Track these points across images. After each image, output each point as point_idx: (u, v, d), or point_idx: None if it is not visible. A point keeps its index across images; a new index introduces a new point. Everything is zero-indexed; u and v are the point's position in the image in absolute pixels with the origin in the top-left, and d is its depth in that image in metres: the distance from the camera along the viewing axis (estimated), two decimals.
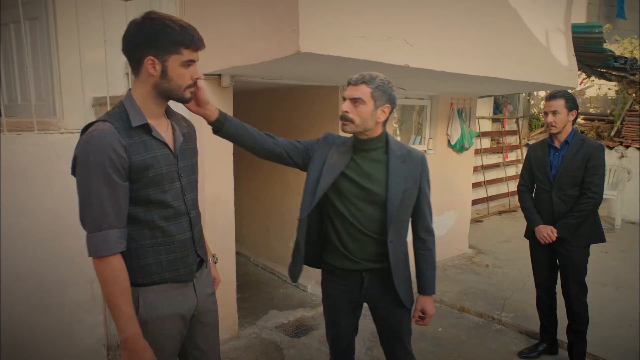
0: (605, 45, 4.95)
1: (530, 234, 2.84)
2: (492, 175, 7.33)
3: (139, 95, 1.42)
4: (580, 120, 7.63)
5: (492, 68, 3.06)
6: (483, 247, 5.40)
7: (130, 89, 1.46)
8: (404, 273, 1.85)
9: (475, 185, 6.56)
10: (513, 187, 7.59)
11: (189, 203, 1.54)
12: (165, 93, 1.42)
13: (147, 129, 1.42)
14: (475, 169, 6.36)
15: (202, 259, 1.61)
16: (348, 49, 2.16)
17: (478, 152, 6.82)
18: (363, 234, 1.77)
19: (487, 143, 7.44)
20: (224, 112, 1.72)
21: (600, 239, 2.70)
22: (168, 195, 1.45)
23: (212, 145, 2.92)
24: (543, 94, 8.35)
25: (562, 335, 2.91)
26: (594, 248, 2.74)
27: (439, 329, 3.40)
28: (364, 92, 1.66)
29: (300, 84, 3.47)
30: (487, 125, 7.40)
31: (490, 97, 7.23)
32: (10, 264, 2.35)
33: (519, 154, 7.91)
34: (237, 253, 3.36)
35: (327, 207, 1.83)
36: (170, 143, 1.50)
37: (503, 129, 7.72)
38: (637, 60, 5.45)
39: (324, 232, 1.89)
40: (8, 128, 2.40)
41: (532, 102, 8.44)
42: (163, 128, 1.50)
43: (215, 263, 1.85)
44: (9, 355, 2.40)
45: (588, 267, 2.72)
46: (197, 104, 1.62)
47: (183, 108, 1.63)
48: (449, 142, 4.78)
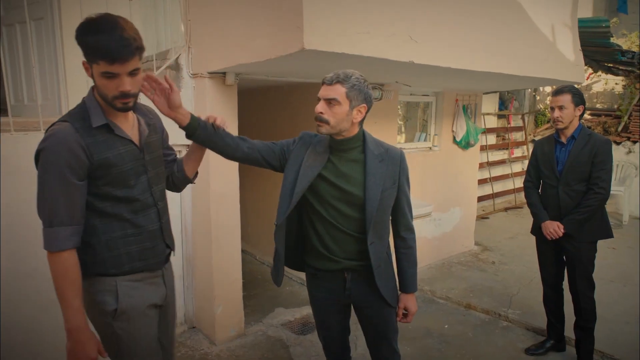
0: (613, 40, 4.90)
1: (537, 230, 2.82)
2: (497, 172, 7.30)
3: (97, 95, 1.44)
4: (587, 116, 7.57)
5: (497, 64, 3.04)
6: (489, 243, 5.38)
7: (93, 87, 1.45)
8: (387, 272, 1.82)
9: (481, 182, 6.53)
10: (519, 183, 7.55)
11: (157, 195, 1.58)
12: (101, 98, 1.41)
13: (107, 128, 1.43)
14: (481, 166, 6.34)
15: (170, 249, 1.67)
16: (352, 46, 2.15)
17: (483, 148, 6.79)
18: (344, 233, 1.74)
19: (492, 139, 7.40)
20: (196, 116, 1.66)
21: (608, 235, 2.68)
22: (135, 190, 1.50)
23: None
24: (549, 90, 8.29)
25: (569, 332, 2.90)
26: (601, 244, 2.71)
27: (445, 326, 3.40)
28: (339, 92, 1.60)
29: (304, 81, 3.46)
30: (492, 122, 7.36)
31: (496, 93, 7.19)
32: (16, 263, 2.37)
33: (525, 150, 7.86)
34: (242, 251, 3.36)
35: (305, 208, 1.80)
36: (136, 137, 1.52)
37: (509, 125, 7.68)
38: None
39: (304, 234, 1.85)
40: (15, 128, 2.42)
41: (537, 97, 8.38)
42: (129, 123, 1.52)
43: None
44: (13, 354, 2.43)
45: (595, 263, 2.70)
46: (168, 107, 1.59)
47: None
48: (454, 138, 4.76)
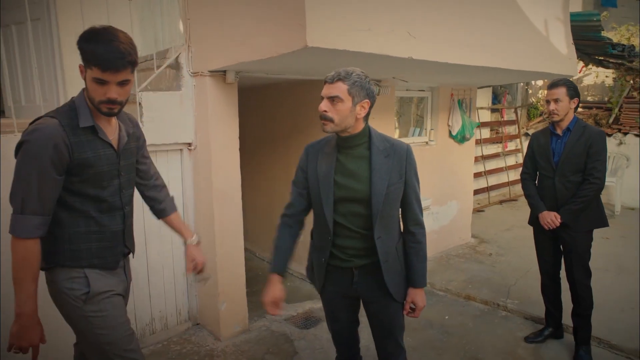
0: (603, 33, 4.98)
1: (534, 221, 2.89)
2: (492, 165, 7.38)
3: (87, 97, 1.53)
4: (579, 109, 7.66)
5: (493, 58, 3.09)
6: (485, 236, 5.46)
7: (84, 89, 1.55)
8: (395, 267, 1.83)
9: (476, 176, 6.60)
10: (513, 176, 7.65)
11: (125, 199, 1.68)
12: (89, 100, 1.52)
13: (92, 130, 1.53)
14: (476, 159, 6.40)
15: (129, 250, 1.76)
16: (354, 43, 2.19)
17: (478, 142, 6.86)
18: (351, 231, 1.77)
19: (486, 133, 7.49)
20: (281, 266, 1.89)
21: (604, 224, 2.74)
22: (105, 192, 1.59)
23: (218, 143, 2.95)
24: (541, 83, 8.39)
25: (567, 320, 2.97)
26: (595, 234, 2.78)
27: (446, 317, 3.46)
28: (341, 89, 1.63)
29: (303, 79, 3.50)
30: (486, 116, 7.44)
31: (489, 87, 7.27)
32: None
33: (518, 144, 7.96)
34: None
35: (315, 207, 1.85)
36: (115, 143, 1.62)
37: (502, 119, 7.76)
38: (634, 47, 5.49)
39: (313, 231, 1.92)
40: (12, 130, 2.43)
41: (530, 91, 8.48)
42: (112, 128, 1.62)
43: (198, 244, 1.95)
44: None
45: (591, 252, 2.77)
46: (276, 306, 1.88)
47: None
48: (450, 133, 4.82)
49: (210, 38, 2.76)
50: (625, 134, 6.84)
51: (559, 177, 2.71)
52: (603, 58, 5.95)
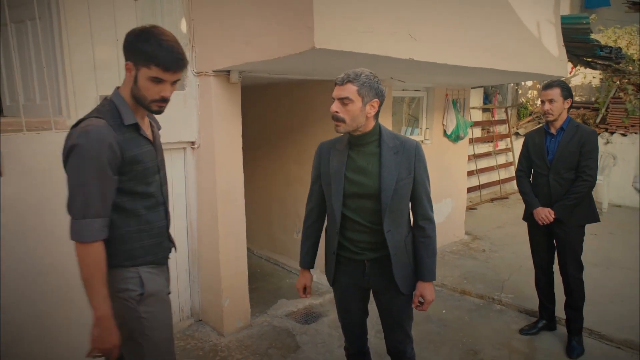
0: (592, 36, 5.13)
1: (529, 217, 2.99)
2: (483, 164, 7.52)
3: (127, 95, 1.55)
4: None
5: (489, 59, 3.19)
6: (478, 233, 5.58)
7: (119, 88, 1.57)
8: (404, 260, 1.89)
9: (468, 174, 6.72)
10: (504, 175, 7.80)
11: (165, 194, 1.72)
12: (136, 99, 1.55)
13: (136, 127, 1.56)
14: (468, 158, 6.52)
15: (173, 245, 1.80)
16: (358, 44, 2.26)
17: (470, 141, 6.99)
18: (362, 226, 1.85)
19: (478, 132, 7.63)
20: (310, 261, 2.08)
21: (595, 219, 2.86)
22: (151, 187, 1.63)
23: (222, 141, 3.00)
24: (530, 84, 8.56)
25: (560, 312, 3.08)
26: (585, 230, 2.89)
27: (443, 311, 3.56)
28: (351, 90, 1.70)
29: (304, 79, 3.56)
30: (478, 115, 7.58)
31: (481, 87, 7.40)
32: (33, 261, 2.42)
33: (509, 143, 8.11)
34: None
35: (327, 202, 1.94)
36: (151, 139, 1.66)
37: (493, 119, 7.91)
38: (621, 50, 5.65)
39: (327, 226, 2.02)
40: (13, 128, 2.45)
41: (520, 91, 8.64)
42: (146, 125, 1.66)
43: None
44: (32, 348, 2.47)
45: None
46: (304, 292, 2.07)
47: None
48: (445, 132, 4.92)
49: (215, 38, 2.81)
50: (612, 134, 7.02)
51: (553, 174, 2.82)
52: (591, 59, 6.11)
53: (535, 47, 3.71)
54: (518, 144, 7.58)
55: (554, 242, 2.95)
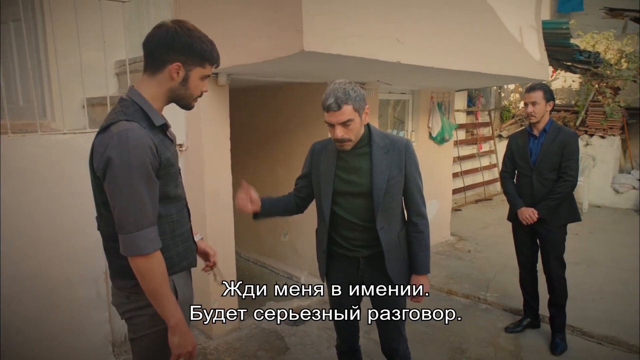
0: (572, 41, 5.27)
1: (513, 217, 3.06)
2: (467, 166, 7.64)
3: (150, 95, 1.43)
4: None
5: (473, 63, 3.26)
6: (464, 234, 5.66)
7: (134, 86, 1.45)
8: (397, 255, 1.94)
9: (453, 176, 6.82)
10: (488, 176, 7.93)
11: (185, 195, 1.66)
12: (177, 98, 1.48)
13: (163, 129, 1.48)
14: (453, 160, 6.62)
15: (196, 246, 1.73)
16: (347, 48, 2.29)
17: (455, 143, 7.09)
18: (355, 224, 1.90)
19: (462, 135, 7.74)
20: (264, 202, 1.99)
21: (576, 218, 2.94)
22: (179, 189, 1.55)
23: (210, 144, 3.00)
24: (513, 87, 8.73)
25: (543, 310, 3.15)
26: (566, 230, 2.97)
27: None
28: (349, 111, 1.71)
29: (290, 81, 3.58)
30: (462, 118, 7.70)
31: (465, 90, 7.52)
32: (18, 264, 2.38)
33: (492, 145, 8.25)
34: None
35: (316, 200, 1.99)
36: (174, 140, 1.61)
37: (477, 121, 8.04)
38: (599, 54, 5.81)
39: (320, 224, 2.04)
40: (4, 131, 2.42)
41: (502, 94, 8.81)
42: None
43: (202, 240, 1.93)
44: (17, 353, 2.43)
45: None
46: (250, 203, 1.92)
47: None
48: (430, 134, 4.99)
49: None
50: (592, 136, 7.21)
51: (536, 175, 2.89)
52: (571, 64, 6.27)
53: (518, 51, 3.80)
54: (501, 146, 7.72)
55: (538, 241, 3.03)
